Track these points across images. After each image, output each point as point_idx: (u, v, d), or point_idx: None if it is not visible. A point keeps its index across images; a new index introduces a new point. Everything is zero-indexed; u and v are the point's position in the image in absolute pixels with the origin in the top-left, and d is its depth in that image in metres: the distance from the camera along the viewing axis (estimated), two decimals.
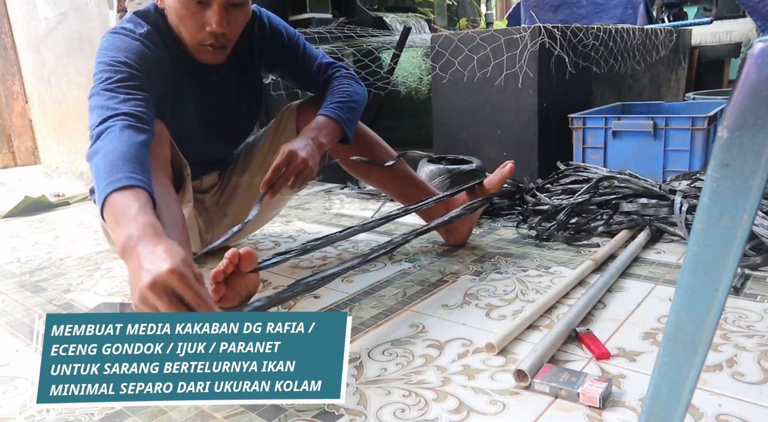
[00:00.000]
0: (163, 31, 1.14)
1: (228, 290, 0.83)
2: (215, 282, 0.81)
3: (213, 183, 1.43)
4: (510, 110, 1.90)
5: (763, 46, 0.37)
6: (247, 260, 0.83)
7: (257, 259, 0.86)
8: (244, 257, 0.83)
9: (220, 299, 0.82)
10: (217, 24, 1.07)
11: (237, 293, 0.84)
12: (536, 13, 3.83)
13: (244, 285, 0.85)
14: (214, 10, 1.07)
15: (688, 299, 0.43)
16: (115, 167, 0.84)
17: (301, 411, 0.76)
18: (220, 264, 0.82)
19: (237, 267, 0.83)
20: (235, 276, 0.83)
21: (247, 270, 0.84)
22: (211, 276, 0.81)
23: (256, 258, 0.85)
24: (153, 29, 1.12)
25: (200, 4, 1.07)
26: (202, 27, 1.09)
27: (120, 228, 0.77)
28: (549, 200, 1.55)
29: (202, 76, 1.22)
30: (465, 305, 1.06)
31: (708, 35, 3.43)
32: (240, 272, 0.83)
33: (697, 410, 0.70)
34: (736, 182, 0.39)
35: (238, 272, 0.83)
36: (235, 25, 1.12)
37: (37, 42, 2.82)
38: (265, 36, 1.28)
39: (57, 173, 3.01)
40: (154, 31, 1.12)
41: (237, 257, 0.82)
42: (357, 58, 2.38)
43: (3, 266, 1.53)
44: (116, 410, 0.79)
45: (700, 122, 1.64)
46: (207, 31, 1.09)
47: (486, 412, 0.73)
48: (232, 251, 0.82)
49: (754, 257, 1.15)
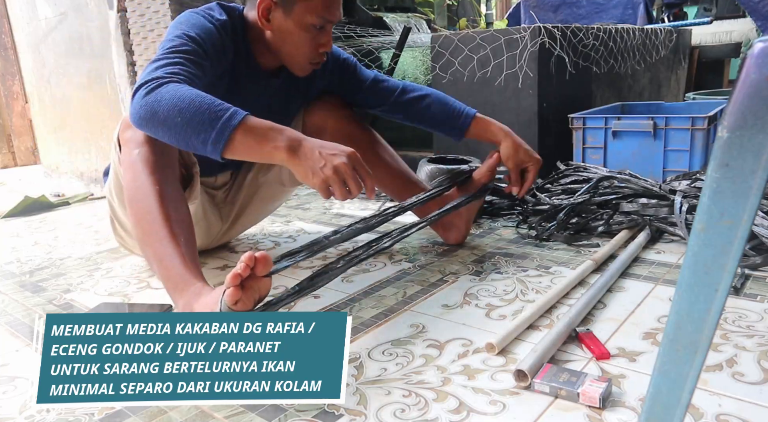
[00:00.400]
0: (237, 29, 1.18)
1: (243, 294, 0.81)
2: (232, 286, 0.80)
3: (225, 181, 1.44)
4: (510, 110, 1.90)
5: (763, 46, 0.37)
6: (262, 263, 0.82)
7: (272, 263, 0.85)
8: (260, 261, 0.82)
9: (236, 302, 0.81)
10: (329, 44, 1.18)
11: (251, 296, 0.83)
12: (536, 13, 3.83)
13: (257, 289, 0.84)
14: (327, 31, 1.16)
15: (688, 299, 0.43)
16: (214, 104, 0.91)
17: (301, 411, 0.76)
18: (237, 268, 0.80)
19: (252, 271, 0.82)
20: (249, 280, 0.82)
21: (262, 274, 0.83)
22: (228, 280, 0.80)
23: (270, 262, 0.84)
24: (229, 22, 1.16)
25: (320, 29, 1.15)
26: (316, 48, 1.17)
27: (273, 139, 0.92)
28: (549, 200, 1.55)
29: (260, 82, 1.25)
30: (465, 305, 1.06)
31: (708, 35, 3.44)
32: (254, 275, 0.82)
33: (697, 410, 0.70)
34: (736, 182, 0.39)
35: (253, 276, 0.82)
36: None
37: (37, 42, 2.82)
38: (327, 62, 1.33)
39: (57, 173, 3.01)
40: (230, 24, 1.16)
41: (254, 260, 0.81)
42: (357, 58, 2.38)
43: (3, 266, 1.53)
44: (116, 410, 0.79)
45: (700, 122, 1.64)
46: (319, 52, 1.18)
47: (486, 412, 0.73)
48: (249, 255, 0.81)
49: (754, 257, 1.15)
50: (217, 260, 1.44)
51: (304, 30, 1.13)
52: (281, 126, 0.94)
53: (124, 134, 1.09)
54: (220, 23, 1.14)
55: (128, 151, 1.06)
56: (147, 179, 1.02)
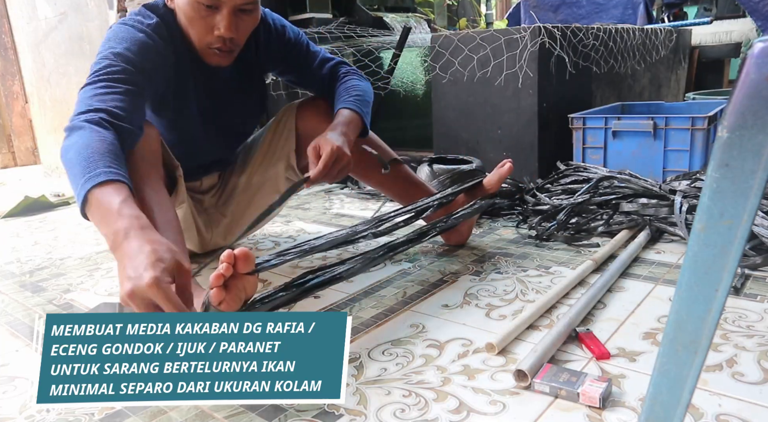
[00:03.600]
0: (171, 26, 1.14)
1: (227, 294, 0.80)
2: (215, 286, 0.78)
3: (213, 184, 1.43)
4: (510, 110, 1.90)
5: (763, 46, 0.37)
6: (243, 260, 0.79)
7: (254, 259, 0.82)
8: (240, 258, 0.79)
9: (220, 303, 0.79)
10: (226, 29, 1.08)
11: (236, 296, 0.81)
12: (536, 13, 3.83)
13: (243, 287, 0.82)
14: (224, 14, 1.07)
15: (688, 299, 0.43)
16: (91, 163, 0.83)
17: (301, 411, 0.76)
18: (219, 268, 0.78)
19: (234, 269, 0.79)
20: (233, 279, 0.80)
21: (244, 272, 0.80)
22: (211, 280, 0.79)
23: (252, 259, 0.81)
24: (161, 22, 1.12)
25: (210, 8, 1.07)
26: (210, 30, 1.09)
27: (106, 225, 0.79)
28: (549, 200, 1.55)
29: (207, 76, 1.22)
30: (465, 305, 1.06)
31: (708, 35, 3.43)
32: (237, 274, 0.80)
33: (697, 410, 0.70)
34: (736, 182, 0.39)
35: (236, 275, 0.80)
36: (244, 31, 1.12)
37: (37, 42, 2.82)
38: (270, 36, 1.28)
39: (57, 173, 3.01)
40: (162, 24, 1.12)
41: (233, 257, 0.79)
42: (357, 58, 2.38)
43: (3, 266, 1.53)
44: (116, 410, 0.79)
45: (700, 122, 1.64)
46: (215, 35, 1.09)
47: (486, 412, 0.73)
48: (227, 252, 0.79)
49: (754, 257, 1.15)
50: (218, 260, 1.44)
51: (192, 8, 1.07)
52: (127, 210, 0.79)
53: None
54: (151, 28, 1.09)
55: None
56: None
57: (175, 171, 1.17)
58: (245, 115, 1.34)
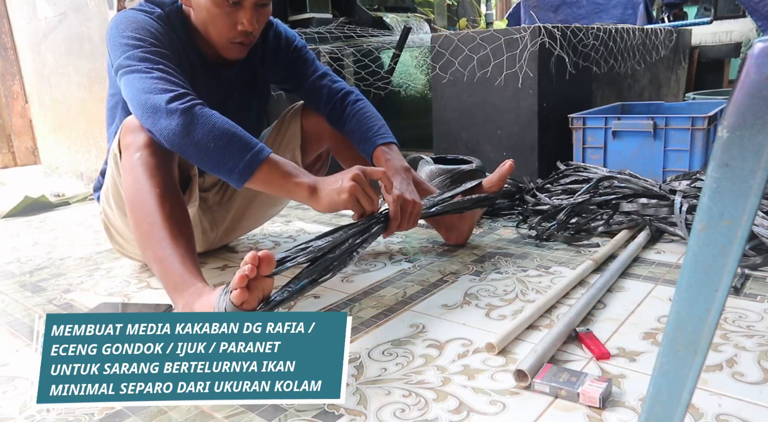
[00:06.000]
0: (174, 22, 1.17)
1: (249, 294, 0.81)
2: (239, 287, 0.80)
3: (215, 181, 1.43)
4: (510, 110, 1.90)
5: (763, 46, 0.37)
6: (266, 263, 0.82)
7: (275, 262, 0.85)
8: (264, 261, 0.82)
9: (242, 303, 0.81)
10: (249, 23, 1.13)
11: (256, 296, 0.83)
12: (536, 13, 3.83)
13: (261, 288, 0.84)
14: (247, 9, 1.12)
15: (688, 299, 0.43)
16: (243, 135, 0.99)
17: (301, 411, 0.76)
18: (244, 269, 0.80)
19: (257, 270, 0.82)
20: (254, 280, 0.82)
21: (266, 274, 0.83)
22: (235, 281, 0.80)
23: (274, 261, 0.84)
24: (164, 14, 1.16)
25: (234, 5, 1.11)
26: (234, 26, 1.13)
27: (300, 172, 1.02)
28: (549, 200, 1.55)
29: (213, 74, 1.24)
30: (465, 305, 1.06)
31: (708, 35, 3.44)
32: (258, 275, 0.82)
33: (697, 410, 0.70)
34: (736, 182, 0.39)
35: (257, 276, 0.82)
36: (261, 23, 1.17)
37: (37, 42, 2.82)
38: (280, 43, 1.32)
39: (57, 173, 3.01)
40: (165, 16, 1.16)
41: (257, 260, 0.81)
42: (357, 58, 2.38)
43: (3, 266, 1.53)
44: (116, 410, 0.79)
45: (700, 122, 1.64)
46: (239, 30, 1.13)
47: (486, 412, 0.73)
48: (253, 255, 0.81)
49: (754, 257, 1.15)
50: (218, 261, 1.44)
51: (216, 5, 1.11)
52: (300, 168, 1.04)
53: (124, 138, 1.08)
54: (156, 15, 1.14)
55: (128, 155, 1.06)
56: (147, 181, 1.02)
57: (190, 170, 1.19)
58: (249, 115, 1.36)
